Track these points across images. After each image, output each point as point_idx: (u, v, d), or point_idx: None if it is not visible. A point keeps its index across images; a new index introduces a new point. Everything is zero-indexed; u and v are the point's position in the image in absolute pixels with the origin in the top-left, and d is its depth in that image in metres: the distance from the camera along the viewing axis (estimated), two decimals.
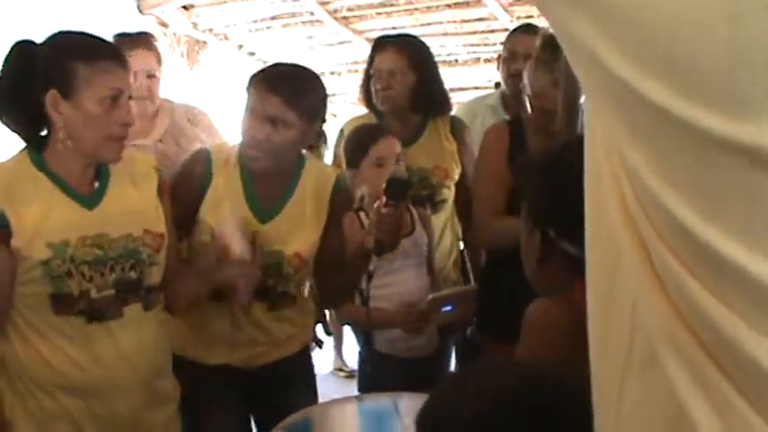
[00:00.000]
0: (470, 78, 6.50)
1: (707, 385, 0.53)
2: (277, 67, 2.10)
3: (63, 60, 1.68)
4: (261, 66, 7.08)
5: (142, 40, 2.86)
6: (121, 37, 2.81)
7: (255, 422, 2.21)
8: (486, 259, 2.63)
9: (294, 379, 2.17)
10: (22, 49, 1.72)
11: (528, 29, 3.00)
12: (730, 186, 0.50)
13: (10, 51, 1.73)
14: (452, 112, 2.91)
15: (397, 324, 2.30)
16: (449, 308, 2.30)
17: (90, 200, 1.77)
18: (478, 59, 6.17)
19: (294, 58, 6.84)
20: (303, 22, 6.08)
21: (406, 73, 2.60)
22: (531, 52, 2.73)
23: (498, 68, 3.07)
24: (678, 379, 0.54)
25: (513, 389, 0.83)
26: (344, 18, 5.93)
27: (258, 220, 2.03)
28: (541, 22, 3.35)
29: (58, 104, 1.67)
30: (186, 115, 2.96)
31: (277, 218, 2.05)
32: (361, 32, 6.03)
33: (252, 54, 6.79)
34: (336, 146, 2.80)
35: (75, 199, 1.74)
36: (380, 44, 2.69)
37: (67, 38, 1.74)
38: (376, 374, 2.37)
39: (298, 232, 2.06)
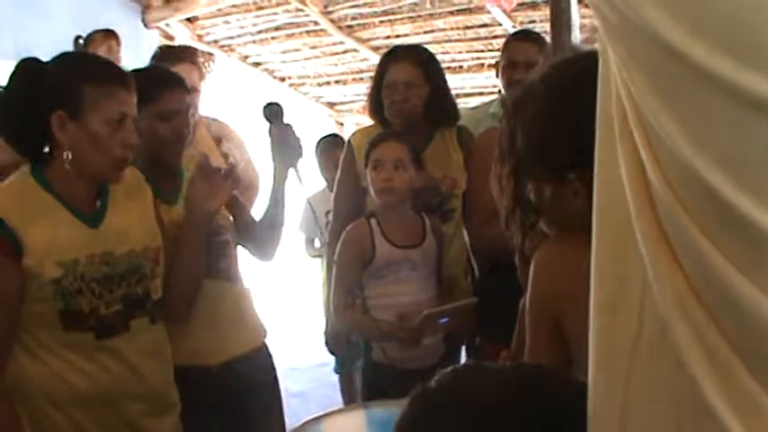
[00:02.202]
0: (474, 84, 6.52)
1: (719, 362, 0.52)
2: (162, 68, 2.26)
3: (71, 81, 1.70)
4: (268, 77, 7.10)
5: (187, 53, 2.87)
6: (168, 49, 2.84)
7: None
8: (485, 262, 2.64)
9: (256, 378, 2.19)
10: (29, 67, 1.74)
11: (526, 36, 2.99)
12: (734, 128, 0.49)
13: (16, 69, 1.75)
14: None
15: (393, 336, 2.30)
16: (445, 320, 2.29)
17: (93, 219, 1.79)
18: (482, 65, 6.19)
19: (299, 69, 6.88)
20: (307, 32, 6.12)
21: (422, 85, 2.60)
22: (531, 59, 2.78)
23: (497, 76, 3.06)
24: (691, 357, 0.53)
25: (490, 396, 0.80)
26: (348, 27, 5.96)
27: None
28: (545, 27, 3.35)
29: (64, 125, 1.69)
30: (219, 131, 2.97)
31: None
32: (365, 41, 6.05)
33: (257, 65, 6.83)
34: (344, 159, 2.79)
35: (79, 218, 1.76)
36: (393, 56, 2.67)
37: (76, 59, 1.77)
38: (377, 383, 2.38)
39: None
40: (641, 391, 0.59)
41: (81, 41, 4.60)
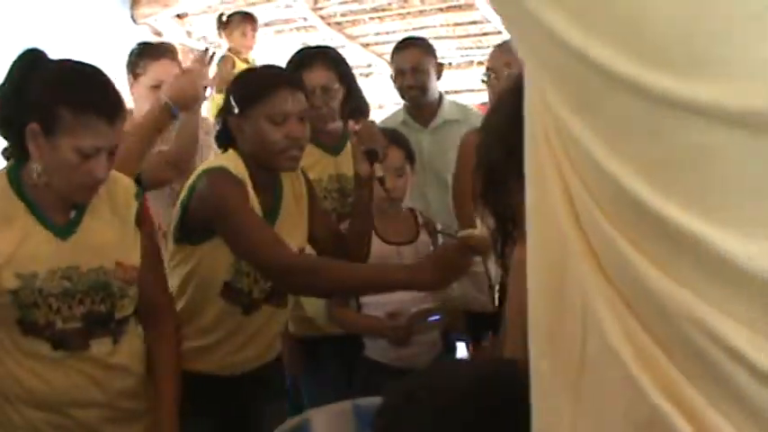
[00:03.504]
0: (464, 81, 6.53)
1: (657, 371, 0.53)
2: (270, 69, 2.18)
3: (50, 99, 1.60)
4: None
5: (169, 50, 2.88)
6: (146, 46, 2.83)
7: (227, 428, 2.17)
8: None
9: (272, 384, 2.19)
10: (26, 61, 1.67)
11: (409, 43, 3.16)
12: (684, 152, 0.49)
13: (18, 59, 1.67)
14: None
15: (382, 334, 2.30)
16: (436, 318, 2.30)
17: (64, 230, 1.71)
18: (471, 62, 6.20)
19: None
20: (297, 28, 6.11)
21: (339, 87, 2.59)
22: (417, 64, 3.01)
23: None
24: (634, 370, 0.54)
25: (466, 390, 0.80)
26: (338, 23, 5.96)
27: (270, 222, 2.03)
28: None
29: (36, 138, 1.61)
30: (201, 126, 2.99)
31: (279, 220, 2.06)
32: (354, 38, 6.06)
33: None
34: None
35: (49, 228, 1.69)
36: (304, 61, 2.61)
37: (67, 75, 1.67)
38: (370, 382, 2.38)
39: (292, 229, 2.08)
40: (591, 410, 0.59)
41: (224, 18, 4.76)
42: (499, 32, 5.90)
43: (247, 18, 4.72)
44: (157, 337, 1.86)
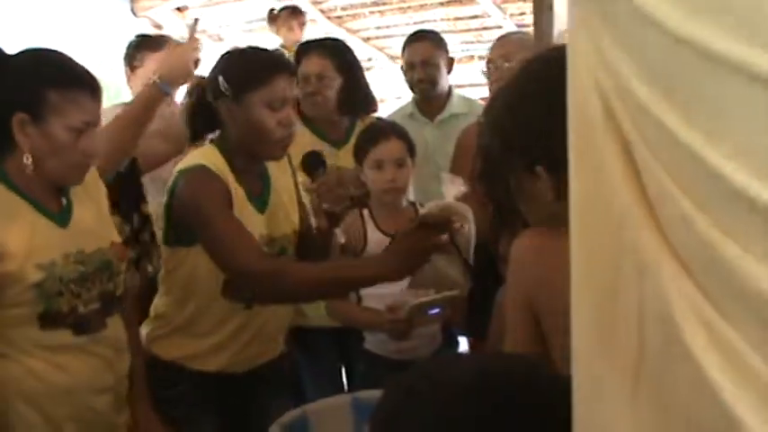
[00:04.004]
0: (465, 76, 6.52)
1: (726, 350, 0.50)
2: (268, 53, 2.09)
3: (34, 84, 1.62)
4: None
5: (166, 42, 2.86)
6: (144, 38, 2.82)
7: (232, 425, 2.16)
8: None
9: (280, 381, 2.17)
10: None
11: (420, 36, 3.20)
12: (741, 110, 0.48)
13: None
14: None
15: (382, 327, 2.30)
16: (437, 310, 2.29)
17: (61, 218, 1.74)
18: (472, 57, 6.19)
19: (289, 58, 6.86)
20: None
21: (334, 76, 2.62)
22: (427, 58, 3.04)
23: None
24: (709, 368, 0.50)
25: (468, 384, 0.78)
26: (338, 17, 5.95)
27: (259, 212, 2.00)
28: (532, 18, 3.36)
29: (24, 128, 1.62)
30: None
31: (269, 206, 2.03)
32: (355, 31, 6.05)
33: None
34: None
35: (49, 218, 1.71)
36: (304, 50, 2.68)
37: (42, 59, 1.68)
38: (368, 374, 2.38)
39: (286, 213, 2.06)
40: (653, 411, 0.55)
41: (274, 11, 4.92)
42: (500, 27, 5.89)
43: (294, 13, 4.86)
44: (125, 315, 1.90)
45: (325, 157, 2.25)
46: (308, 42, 2.71)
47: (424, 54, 3.04)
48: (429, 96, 3.11)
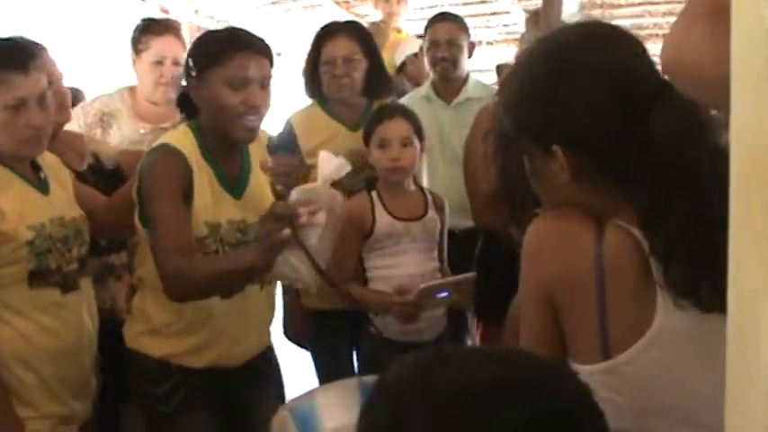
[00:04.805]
0: (472, 62, 6.49)
1: None
2: (233, 31, 2.05)
3: None
4: None
5: (172, 27, 2.86)
6: (150, 22, 2.82)
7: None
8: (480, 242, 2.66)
9: (269, 374, 2.16)
10: None
11: (446, 16, 3.29)
12: None
13: None
14: None
15: (389, 309, 2.30)
16: (444, 294, 2.29)
17: (43, 188, 1.94)
18: (480, 42, 6.16)
19: (296, 43, 6.84)
20: (304, 7, 6.08)
21: (361, 59, 2.63)
22: (453, 38, 3.08)
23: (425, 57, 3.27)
24: None
25: (485, 388, 0.71)
26: (345, 2, 5.92)
27: (234, 197, 1.98)
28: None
29: None
30: None
31: (248, 190, 2.01)
32: (363, 16, 6.02)
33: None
34: (283, 138, 2.76)
35: (35, 188, 1.92)
36: (328, 31, 2.67)
37: None
38: (375, 356, 2.39)
39: (267, 199, 2.01)
40: None
41: None
42: (507, 12, 5.86)
43: None
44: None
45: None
46: (330, 25, 2.69)
47: (450, 33, 3.08)
48: (448, 77, 3.14)
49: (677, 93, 0.95)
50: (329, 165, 1.74)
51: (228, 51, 1.86)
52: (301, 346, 2.73)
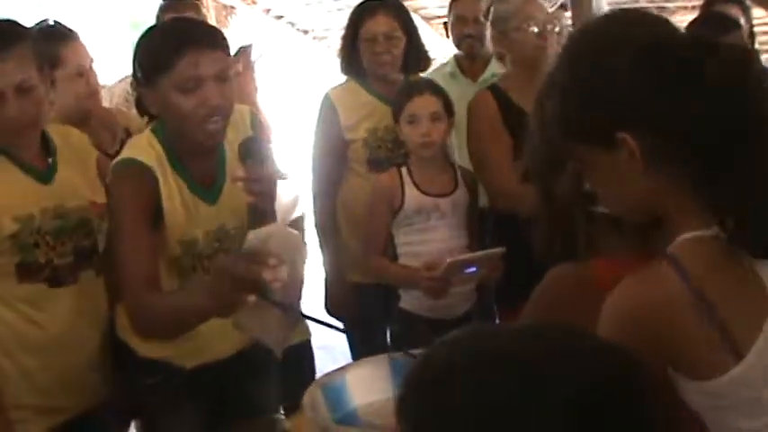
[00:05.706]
0: None
1: None
2: (177, 27, 1.91)
3: None
4: (291, 29, 7.05)
5: (191, 5, 2.86)
6: (173, 1, 2.83)
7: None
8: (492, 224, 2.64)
9: (261, 365, 2.03)
10: None
11: None
12: None
13: None
14: None
15: (417, 285, 2.30)
16: (473, 269, 2.26)
17: (45, 175, 1.85)
18: None
19: (322, 21, 6.81)
20: None
21: (401, 36, 2.64)
22: (478, 15, 3.00)
23: (447, 36, 3.30)
24: None
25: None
26: None
27: (208, 203, 1.84)
28: None
29: None
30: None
31: (225, 189, 1.86)
32: None
33: (280, 17, 6.76)
34: (323, 112, 2.75)
35: (31, 175, 1.83)
36: (368, 9, 2.66)
37: None
38: (403, 333, 2.38)
39: (242, 198, 1.82)
40: None
41: None
42: None
43: None
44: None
45: (258, 146, 1.86)
46: (368, 2, 2.68)
47: (477, 10, 3.06)
48: (474, 54, 3.14)
49: (726, 47, 0.95)
50: (284, 204, 1.60)
51: (173, 53, 1.68)
52: (339, 320, 2.68)
